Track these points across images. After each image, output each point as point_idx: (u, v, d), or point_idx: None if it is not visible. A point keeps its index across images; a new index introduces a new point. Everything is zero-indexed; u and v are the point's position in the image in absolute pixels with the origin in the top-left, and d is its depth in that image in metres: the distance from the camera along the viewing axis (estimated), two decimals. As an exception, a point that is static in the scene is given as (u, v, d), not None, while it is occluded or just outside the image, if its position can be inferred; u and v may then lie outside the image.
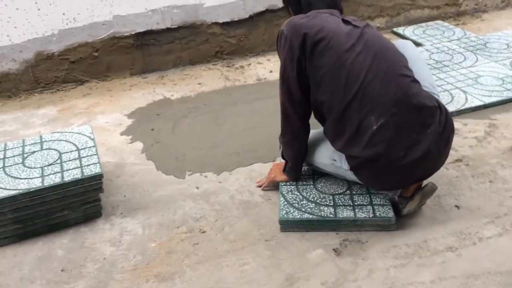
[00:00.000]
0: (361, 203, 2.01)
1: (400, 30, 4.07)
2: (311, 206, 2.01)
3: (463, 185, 2.17)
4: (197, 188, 2.28)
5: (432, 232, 1.93)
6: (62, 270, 1.86)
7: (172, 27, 3.46)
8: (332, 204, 2.01)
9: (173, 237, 1.99)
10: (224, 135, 2.71)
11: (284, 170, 2.16)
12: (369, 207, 1.98)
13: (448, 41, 3.73)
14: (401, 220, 1.98)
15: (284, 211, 1.98)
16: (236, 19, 3.59)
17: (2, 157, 2.14)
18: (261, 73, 3.45)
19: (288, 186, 2.13)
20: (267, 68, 3.52)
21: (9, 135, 2.83)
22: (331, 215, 1.95)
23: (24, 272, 1.86)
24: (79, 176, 1.99)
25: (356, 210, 1.97)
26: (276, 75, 3.39)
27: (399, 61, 1.86)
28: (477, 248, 1.85)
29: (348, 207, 1.99)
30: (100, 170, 2.03)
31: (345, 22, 1.89)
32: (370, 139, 1.76)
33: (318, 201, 2.04)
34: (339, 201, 2.03)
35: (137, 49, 3.45)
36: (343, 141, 1.83)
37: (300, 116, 1.98)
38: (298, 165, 2.12)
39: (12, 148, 2.21)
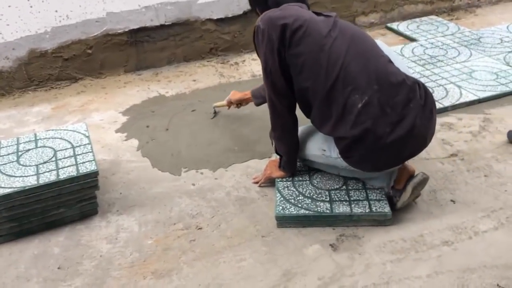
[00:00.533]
0: (357, 198, 2.01)
1: (394, 25, 4.08)
2: (308, 202, 2.01)
3: (458, 180, 2.18)
4: (193, 184, 2.28)
5: (428, 226, 1.94)
6: (58, 268, 1.85)
7: (166, 23, 3.45)
8: (328, 199, 2.02)
9: (169, 234, 1.99)
10: (219, 131, 2.71)
11: (279, 166, 2.17)
12: (365, 202, 1.98)
13: (442, 36, 3.74)
14: (397, 215, 1.99)
15: (281, 207, 1.99)
16: (230, 15, 3.58)
17: (-4, 155, 2.13)
18: (255, 70, 3.44)
19: (284, 182, 2.14)
20: (262, 64, 3.52)
21: (3, 133, 2.82)
22: (328, 211, 1.96)
23: (20, 270, 1.85)
24: (74, 173, 1.99)
25: (352, 205, 1.97)
26: (271, 71, 3.39)
27: (374, 45, 1.93)
28: (473, 242, 1.86)
29: (344, 203, 1.99)
30: (95, 168, 2.02)
31: (316, 13, 1.97)
32: (356, 117, 1.79)
33: (314, 196, 2.04)
34: (335, 196, 2.03)
35: (131, 46, 3.44)
36: (331, 124, 1.86)
37: (287, 107, 2.00)
38: (292, 158, 2.13)
39: (6, 146, 2.19)
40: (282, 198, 2.04)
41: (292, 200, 2.02)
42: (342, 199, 2.02)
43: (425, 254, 1.81)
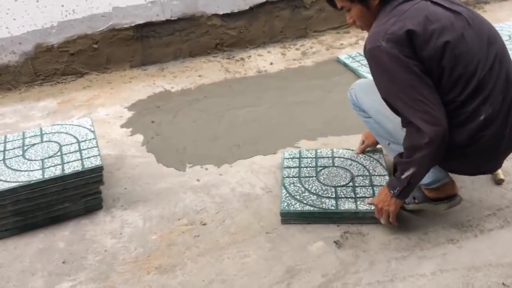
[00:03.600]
0: (363, 195, 2.00)
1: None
2: (313, 198, 2.00)
3: (464, 177, 2.16)
4: (198, 180, 2.28)
5: (433, 224, 1.92)
6: (63, 262, 1.86)
7: (172, 18, 3.44)
8: (334, 196, 2.01)
9: (174, 229, 1.99)
10: (224, 127, 2.71)
11: (398, 196, 1.77)
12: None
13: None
14: (402, 212, 1.97)
15: (286, 203, 1.98)
16: (236, 10, 3.57)
17: (2, 149, 2.14)
18: (261, 65, 3.43)
19: (291, 178, 2.13)
20: (268, 60, 3.51)
21: (9, 127, 2.83)
22: (333, 207, 1.95)
23: (25, 264, 1.86)
24: (79, 168, 1.99)
25: (358, 202, 1.96)
26: (276, 67, 3.38)
27: (504, 44, 1.73)
28: (478, 240, 1.85)
29: (350, 199, 1.98)
30: (100, 163, 2.02)
31: (437, 5, 1.65)
32: (476, 129, 1.64)
33: (320, 193, 2.03)
34: (341, 193, 2.02)
35: (137, 41, 3.43)
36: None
37: (444, 113, 1.63)
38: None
39: (12, 141, 2.20)
40: (287, 194, 2.03)
41: (298, 197, 2.02)
42: (348, 196, 2.01)
43: (430, 251, 1.80)
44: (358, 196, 2.00)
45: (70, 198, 2.02)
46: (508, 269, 1.71)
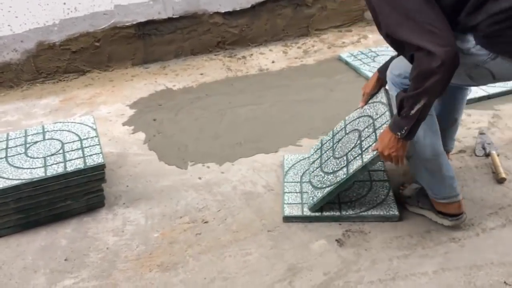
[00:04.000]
0: (368, 145, 1.88)
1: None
2: (329, 178, 1.96)
3: (466, 176, 2.16)
4: (200, 178, 2.28)
5: (435, 222, 1.92)
6: (65, 260, 1.86)
7: (174, 17, 3.44)
8: (345, 164, 1.93)
9: (175, 227, 1.99)
10: (226, 125, 2.71)
11: (406, 137, 1.67)
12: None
13: (452, 32, 3.70)
14: (404, 210, 1.98)
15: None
16: (238, 8, 3.57)
17: (4, 147, 2.14)
18: (263, 64, 3.43)
19: (313, 168, 2.11)
20: (269, 58, 3.51)
21: (11, 125, 2.83)
22: (344, 175, 1.88)
23: (27, 261, 1.87)
24: (81, 166, 1.99)
25: (363, 156, 1.86)
26: (278, 65, 3.38)
27: None
28: (480, 239, 1.85)
29: (357, 158, 1.88)
30: (102, 160, 2.03)
31: None
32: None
33: (335, 169, 1.97)
34: (351, 156, 1.92)
35: (138, 39, 3.43)
36: None
37: (452, 33, 1.53)
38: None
39: (14, 138, 2.20)
40: (312, 188, 2.01)
41: (318, 184, 1.99)
42: (356, 155, 1.90)
43: (432, 250, 1.80)
44: (363, 149, 1.88)
45: (72, 195, 2.02)
46: (510, 268, 1.71)
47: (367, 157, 1.82)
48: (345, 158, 1.96)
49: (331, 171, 1.99)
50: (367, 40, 3.69)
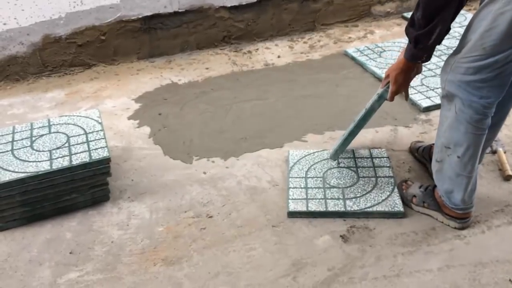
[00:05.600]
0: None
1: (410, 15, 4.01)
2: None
3: (472, 173, 2.15)
4: (204, 173, 2.28)
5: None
6: (70, 253, 1.87)
7: (180, 10, 3.43)
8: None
9: (180, 222, 2.00)
10: (231, 120, 2.70)
11: (424, 61, 1.74)
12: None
13: (460, 27, 3.67)
14: (409, 208, 1.97)
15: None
16: (244, 3, 3.55)
17: (10, 140, 2.15)
18: (268, 58, 3.42)
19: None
20: (275, 53, 3.49)
21: (17, 118, 2.84)
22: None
23: (32, 254, 1.88)
24: (87, 159, 2.00)
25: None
26: (283, 60, 3.36)
27: None
28: (485, 236, 1.84)
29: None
30: (108, 154, 2.03)
31: None
32: None
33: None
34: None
35: (144, 33, 3.43)
36: None
37: None
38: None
39: (20, 131, 2.21)
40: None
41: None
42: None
43: (436, 247, 1.80)
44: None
45: (77, 189, 2.03)
46: (515, 265, 1.70)
47: (381, 90, 1.93)
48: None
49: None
50: (373, 36, 3.67)
